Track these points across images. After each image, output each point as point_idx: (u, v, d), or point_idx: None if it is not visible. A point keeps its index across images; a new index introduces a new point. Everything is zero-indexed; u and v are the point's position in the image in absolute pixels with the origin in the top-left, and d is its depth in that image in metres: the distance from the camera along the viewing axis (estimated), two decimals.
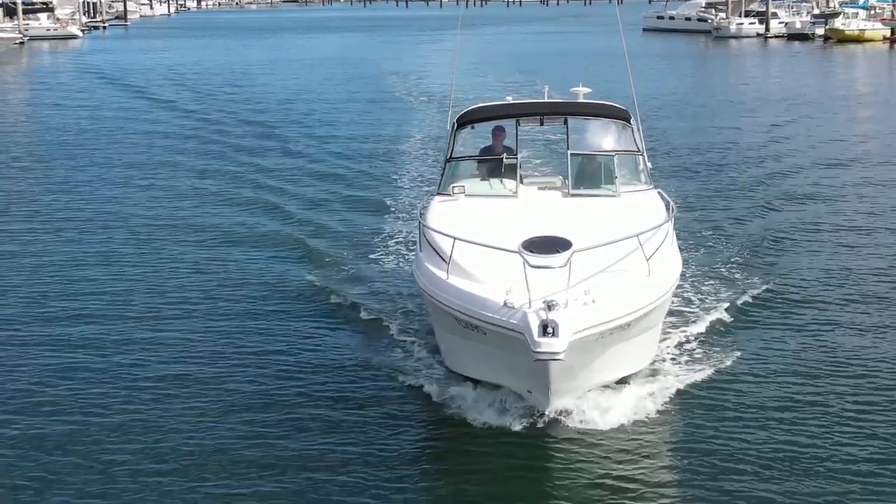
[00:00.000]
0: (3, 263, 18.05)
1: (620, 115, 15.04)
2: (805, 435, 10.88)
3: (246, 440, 10.96)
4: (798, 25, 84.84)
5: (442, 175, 14.50)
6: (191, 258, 18.24)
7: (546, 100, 16.07)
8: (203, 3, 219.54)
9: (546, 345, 9.63)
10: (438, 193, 14.15)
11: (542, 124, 16.09)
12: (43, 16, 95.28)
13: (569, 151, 14.29)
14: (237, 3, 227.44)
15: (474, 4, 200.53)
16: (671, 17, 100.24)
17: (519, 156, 14.31)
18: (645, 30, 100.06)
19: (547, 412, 11.07)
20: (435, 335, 12.85)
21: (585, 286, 10.47)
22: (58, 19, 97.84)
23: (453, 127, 14.98)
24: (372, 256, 17.70)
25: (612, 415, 11.28)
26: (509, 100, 16.12)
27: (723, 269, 16.84)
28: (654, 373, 12.47)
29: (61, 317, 15.23)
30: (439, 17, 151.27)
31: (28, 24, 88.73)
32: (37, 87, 52.04)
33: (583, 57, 64.36)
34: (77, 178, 26.21)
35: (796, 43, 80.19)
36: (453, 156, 14.61)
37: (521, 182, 14.27)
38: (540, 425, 10.96)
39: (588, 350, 10.65)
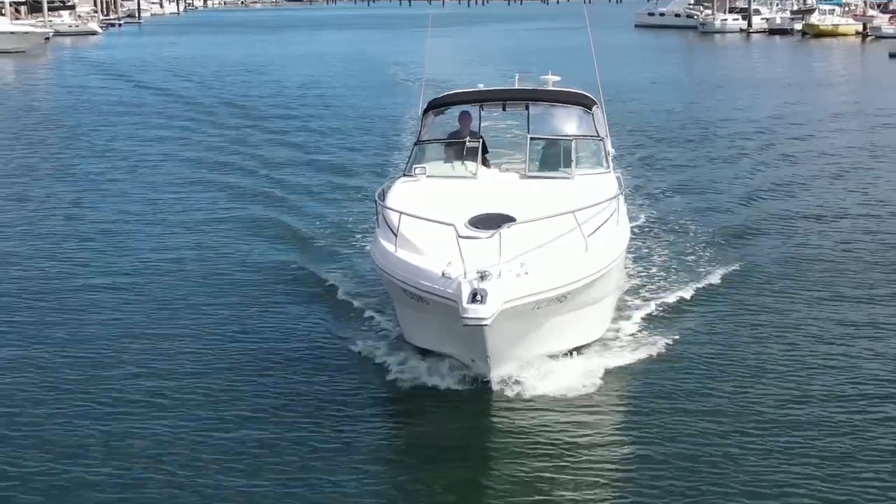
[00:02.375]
0: None
1: (582, 102, 15.42)
2: (747, 413, 10.96)
3: (213, 412, 11.14)
4: (778, 21, 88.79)
5: (409, 158, 14.92)
6: (179, 240, 18.63)
7: (509, 87, 16.86)
8: (209, 2, 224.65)
9: (473, 311, 9.99)
10: (404, 175, 14.48)
11: (504, 109, 16.62)
12: (65, 13, 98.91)
13: (528, 136, 14.72)
14: (242, 2, 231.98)
15: (476, 3, 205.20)
16: (661, 14, 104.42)
17: (482, 139, 14.73)
18: (637, 26, 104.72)
19: (490, 379, 11.41)
20: (394, 309, 13.13)
21: (522, 259, 10.88)
22: (79, 16, 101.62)
23: (422, 112, 15.54)
24: (354, 238, 18.02)
25: (555, 384, 11.55)
26: (480, 87, 16.59)
27: (692, 251, 17.21)
28: (603, 346, 12.72)
29: (39, 292, 15.63)
30: (442, 15, 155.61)
31: (51, 21, 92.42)
32: (69, 76, 55.26)
33: (575, 50, 69.59)
34: (96, 158, 27.87)
35: (776, 37, 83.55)
36: (420, 139, 15.04)
37: (488, 165, 14.77)
38: (484, 392, 11.29)
39: (524, 319, 10.96)
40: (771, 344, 13.02)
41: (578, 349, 12.35)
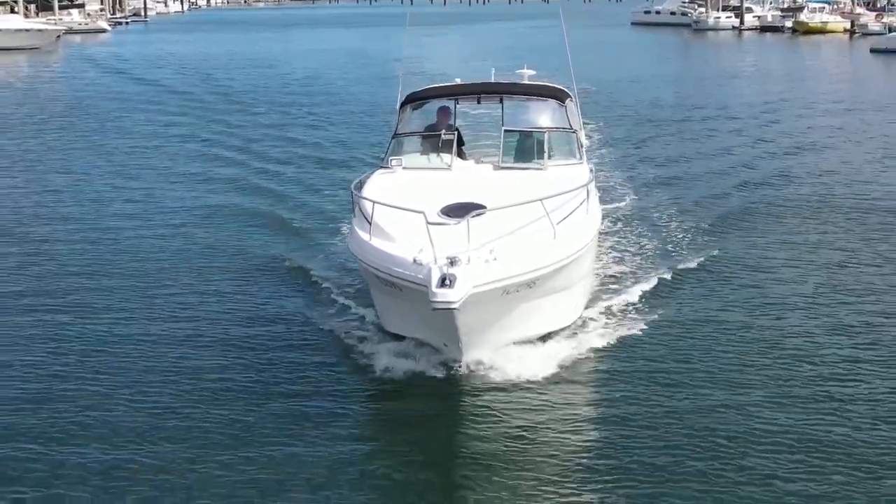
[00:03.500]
0: None
1: (555, 95, 15.77)
2: (717, 397, 11.16)
3: (186, 397, 11.36)
4: (769, 19, 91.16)
5: (386, 150, 15.22)
6: (165, 228, 19.11)
7: (485, 81, 17.19)
8: (212, 1, 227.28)
9: (441, 295, 10.22)
10: (381, 167, 14.77)
11: (479, 103, 17.02)
12: (74, 11, 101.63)
13: (503, 128, 15.08)
14: (245, 1, 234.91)
15: (477, 1, 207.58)
16: (657, 12, 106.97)
17: (457, 132, 15.03)
18: (633, 24, 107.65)
19: (462, 364, 11.65)
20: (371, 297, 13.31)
21: (491, 246, 11.13)
22: (88, 14, 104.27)
23: (400, 106, 15.84)
24: (337, 227, 18.17)
25: (526, 368, 11.77)
26: (457, 81, 16.95)
27: (669, 239, 17.59)
28: (575, 331, 12.93)
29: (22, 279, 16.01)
30: (443, 13, 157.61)
31: (61, 19, 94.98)
32: (82, 72, 57.10)
33: (570, 47, 72.28)
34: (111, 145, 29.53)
35: (767, 34, 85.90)
36: (397, 132, 15.31)
37: (464, 157, 15.04)
38: (457, 376, 11.53)
39: (494, 304, 11.21)
40: (743, 330, 13.23)
41: (550, 335, 12.56)
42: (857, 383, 11.63)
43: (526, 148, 14.67)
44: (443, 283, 10.28)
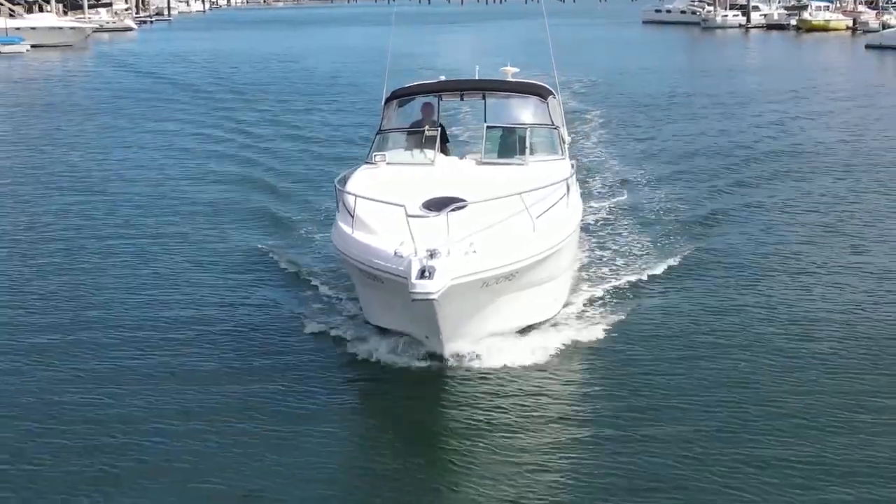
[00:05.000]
0: None
1: (537, 92, 15.95)
2: (699, 389, 11.29)
3: (172, 391, 11.49)
4: (776, 17, 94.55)
5: (371, 146, 15.32)
6: (172, 227, 19.27)
7: (468, 78, 17.40)
8: (233, 1, 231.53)
9: (420, 286, 10.39)
10: (365, 162, 14.90)
11: (462, 99, 17.62)
12: (102, 10, 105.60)
13: (485, 124, 15.24)
14: (264, 1, 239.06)
15: (494, 1, 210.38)
16: (667, 11, 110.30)
17: (440, 128, 15.18)
18: (644, 22, 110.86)
19: (444, 355, 11.80)
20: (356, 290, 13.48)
21: (471, 239, 11.33)
22: (115, 13, 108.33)
23: (384, 102, 15.98)
24: (324, 221, 18.13)
25: (508, 360, 11.95)
26: (442, 78, 17.17)
27: (656, 232, 17.87)
28: (557, 324, 13.11)
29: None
30: (458, 12, 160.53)
31: (90, 18, 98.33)
32: (115, 67, 60.45)
33: (585, 43, 75.54)
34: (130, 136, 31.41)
35: (773, 32, 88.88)
36: (382, 128, 15.47)
37: (448, 153, 15.26)
38: (438, 369, 11.70)
39: (474, 297, 11.39)
40: (729, 321, 13.48)
41: (532, 327, 12.75)
42: (850, 374, 11.77)
43: (508, 144, 14.86)
44: (422, 274, 10.49)
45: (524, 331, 12.69)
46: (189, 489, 9.52)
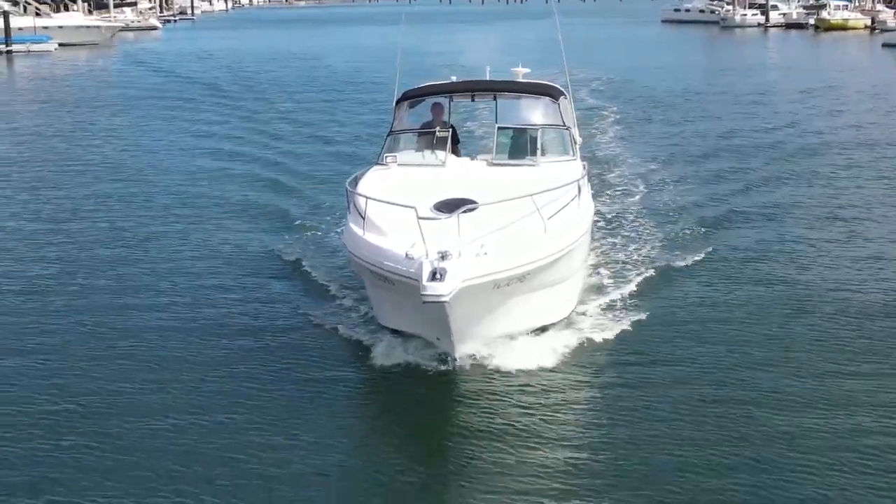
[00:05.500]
0: None
1: (548, 93, 15.91)
2: (712, 392, 11.21)
3: (187, 392, 11.51)
4: (794, 16, 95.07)
5: (382, 147, 15.32)
6: (169, 220, 19.66)
7: (479, 79, 17.22)
8: (254, 0, 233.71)
9: (431, 288, 10.38)
10: (376, 163, 14.89)
11: (473, 100, 17.59)
12: (127, 9, 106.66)
13: (496, 125, 15.29)
14: (287, 0, 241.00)
15: (514, 0, 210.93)
16: (686, 10, 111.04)
17: (451, 130, 15.15)
18: (663, 21, 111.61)
19: (456, 357, 11.74)
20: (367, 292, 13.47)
21: (482, 241, 11.32)
22: (140, 12, 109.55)
23: (395, 103, 15.95)
24: (337, 222, 18.03)
25: (520, 362, 11.92)
26: (453, 79, 17.07)
27: (670, 233, 17.73)
28: (569, 325, 13.07)
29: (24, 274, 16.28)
30: (478, 12, 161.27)
31: (116, 17, 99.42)
32: (142, 64, 61.65)
33: (600, 42, 76.12)
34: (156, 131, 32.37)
35: (792, 31, 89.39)
36: (393, 129, 15.49)
37: (458, 154, 15.21)
38: (451, 370, 11.65)
39: (485, 298, 11.36)
40: (743, 323, 13.38)
41: (544, 328, 12.72)
42: (859, 376, 11.71)
43: (519, 145, 14.89)
44: (433, 276, 10.48)
45: (536, 332, 12.67)
46: (195, 485, 9.55)
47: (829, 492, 9.31)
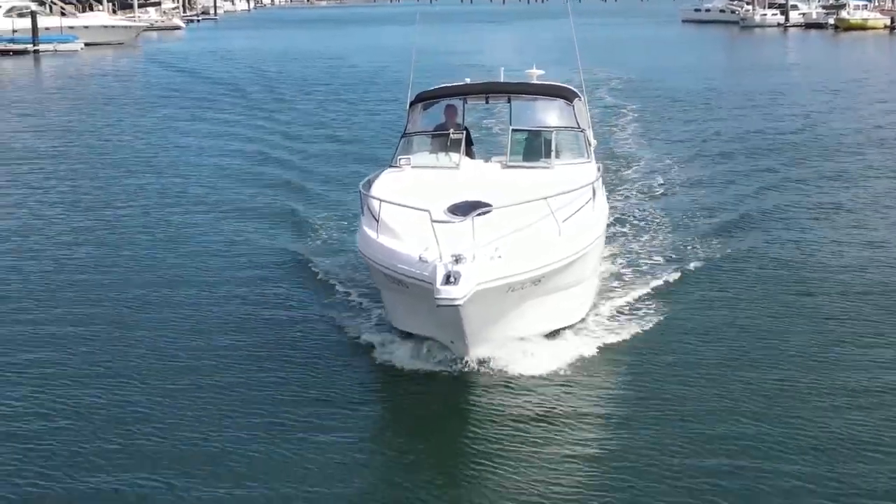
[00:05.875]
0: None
1: (562, 95, 15.83)
2: (726, 398, 11.09)
3: (197, 395, 11.49)
4: (814, 16, 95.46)
5: (395, 149, 15.25)
6: (182, 222, 19.74)
7: (493, 81, 17.33)
8: (276, 0, 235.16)
9: (446, 292, 10.37)
10: (390, 166, 14.84)
11: (487, 102, 17.43)
12: (151, 9, 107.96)
13: (510, 127, 15.24)
14: (308, 0, 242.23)
15: (535, 0, 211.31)
16: (706, 10, 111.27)
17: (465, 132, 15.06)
18: (683, 21, 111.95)
19: (469, 360, 11.75)
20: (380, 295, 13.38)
21: (496, 244, 11.26)
22: (164, 12, 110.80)
23: (409, 105, 15.91)
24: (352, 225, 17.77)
25: (534, 365, 11.87)
26: (467, 81, 16.96)
27: (685, 236, 17.63)
28: (583, 329, 13.04)
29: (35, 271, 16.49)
30: (499, 11, 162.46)
31: (140, 16, 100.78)
32: (167, 64, 62.52)
33: (620, 42, 76.35)
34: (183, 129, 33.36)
35: (812, 31, 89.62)
36: (406, 131, 15.41)
37: (472, 156, 15.19)
38: (465, 373, 11.65)
39: (499, 301, 11.32)
40: (759, 329, 13.23)
41: (558, 331, 12.71)
42: (873, 382, 11.60)
43: (534, 147, 14.84)
44: (447, 280, 10.48)
45: (550, 335, 12.62)
46: (205, 484, 9.60)
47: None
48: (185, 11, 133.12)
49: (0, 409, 11.32)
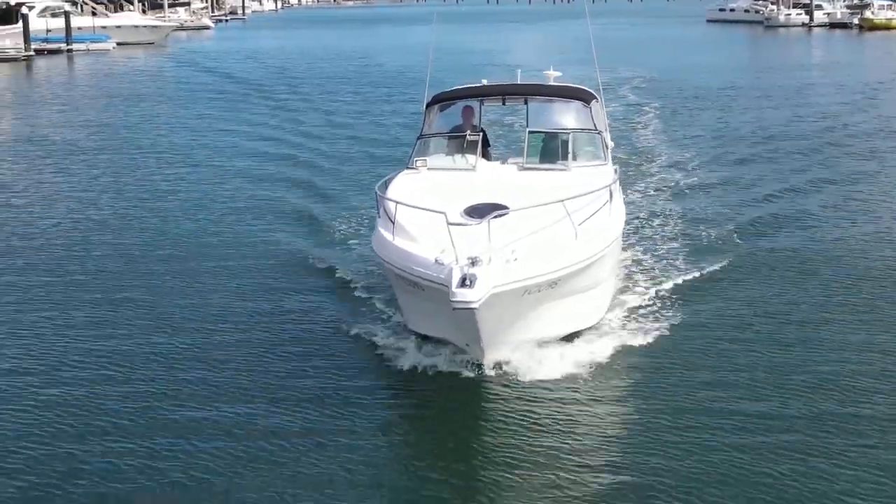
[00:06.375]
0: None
1: (579, 96, 15.72)
2: (744, 403, 10.96)
3: (212, 393, 11.57)
4: (839, 16, 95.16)
5: (412, 151, 15.24)
6: (198, 220, 19.99)
7: (510, 82, 17.41)
8: (304, 0, 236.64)
9: (461, 295, 10.32)
10: (407, 167, 14.82)
11: (504, 104, 17.07)
12: (180, 9, 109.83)
13: (527, 129, 15.23)
14: (335, 1, 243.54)
15: (562, 0, 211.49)
16: (731, 10, 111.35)
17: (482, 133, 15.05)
18: (708, 21, 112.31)
19: (485, 363, 11.75)
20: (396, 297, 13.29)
21: (512, 247, 11.23)
22: (193, 12, 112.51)
23: (426, 107, 15.87)
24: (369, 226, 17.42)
25: (550, 368, 11.83)
26: (484, 82, 16.80)
27: (703, 239, 17.46)
28: (600, 332, 12.96)
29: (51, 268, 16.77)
30: (528, 12, 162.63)
31: (170, 16, 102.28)
32: (198, 63, 63.65)
33: (645, 42, 77.20)
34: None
35: (836, 31, 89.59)
36: (423, 133, 15.38)
37: (489, 158, 15.13)
38: (481, 376, 11.62)
39: (515, 304, 11.30)
40: (776, 333, 13.09)
41: (575, 334, 12.69)
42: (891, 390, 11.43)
43: (550, 149, 14.76)
44: (463, 283, 10.43)
45: (567, 338, 12.60)
46: (223, 486, 9.64)
47: None
48: (213, 11, 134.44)
49: (17, 394, 11.69)
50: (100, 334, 13.72)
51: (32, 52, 67.07)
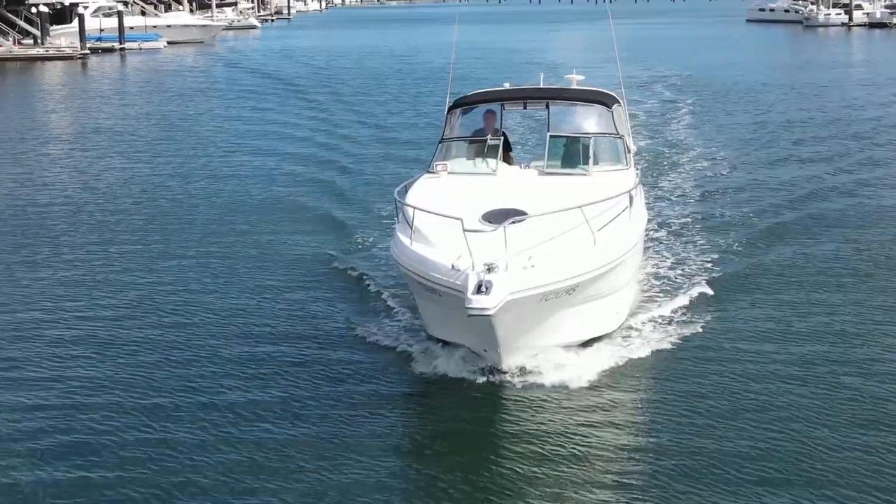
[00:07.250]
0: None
1: (601, 101, 15.46)
2: (761, 409, 10.85)
3: (232, 397, 11.55)
4: (878, 15, 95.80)
5: (433, 155, 15.12)
6: (218, 221, 20.18)
7: (532, 86, 17.10)
8: (347, 0, 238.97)
9: (477, 301, 10.29)
10: (427, 171, 14.67)
11: (525, 108, 17.05)
12: (228, 9, 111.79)
13: (548, 133, 14.98)
14: (378, 0, 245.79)
15: (604, 0, 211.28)
16: (771, 10, 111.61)
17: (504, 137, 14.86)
18: (748, 20, 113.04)
19: (503, 369, 11.73)
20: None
21: (529, 253, 11.17)
22: (241, 12, 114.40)
23: (447, 111, 15.70)
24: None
25: (568, 374, 11.75)
26: (506, 86, 16.64)
27: (723, 244, 17.15)
28: (619, 338, 12.84)
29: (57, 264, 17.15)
30: (570, 10, 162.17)
31: (218, 16, 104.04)
32: (247, 61, 65.39)
33: (685, 41, 77.69)
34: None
35: (876, 31, 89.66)
36: (444, 137, 15.27)
37: (511, 163, 14.94)
38: (499, 382, 11.59)
39: (533, 310, 11.26)
40: (797, 342, 12.89)
41: (593, 340, 12.62)
42: None
43: (572, 153, 14.64)
44: (479, 289, 10.40)
45: (585, 344, 12.55)
46: (237, 492, 9.61)
47: None
48: (259, 11, 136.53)
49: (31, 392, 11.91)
50: (118, 325, 14.18)
51: (87, 51, 69.04)
